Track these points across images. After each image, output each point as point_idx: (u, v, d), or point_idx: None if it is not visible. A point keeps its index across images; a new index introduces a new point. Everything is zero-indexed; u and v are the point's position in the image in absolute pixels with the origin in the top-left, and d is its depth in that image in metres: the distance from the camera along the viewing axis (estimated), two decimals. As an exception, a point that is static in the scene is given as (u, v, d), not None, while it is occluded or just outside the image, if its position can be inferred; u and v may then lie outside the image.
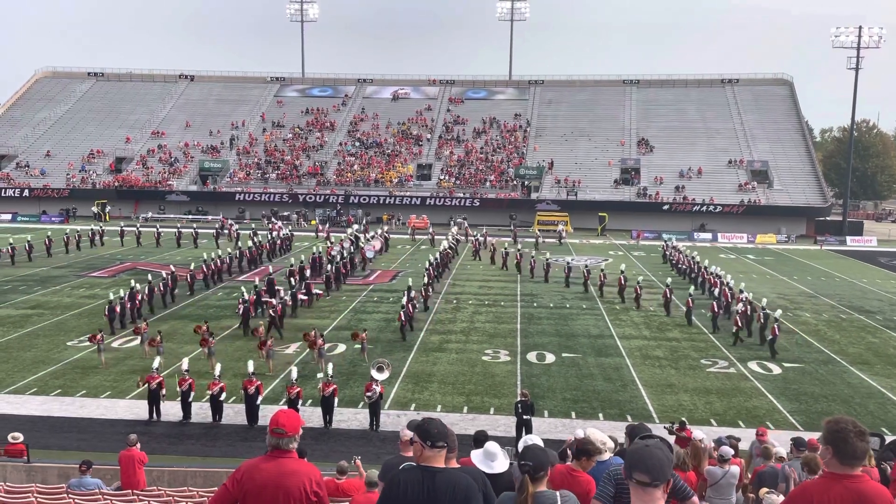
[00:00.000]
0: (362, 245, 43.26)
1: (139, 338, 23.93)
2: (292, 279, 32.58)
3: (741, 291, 30.51)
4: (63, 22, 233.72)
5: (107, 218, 63.83)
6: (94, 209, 65.53)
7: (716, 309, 28.12)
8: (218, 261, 36.50)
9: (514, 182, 69.50)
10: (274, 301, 27.74)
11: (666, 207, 65.03)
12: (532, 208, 65.90)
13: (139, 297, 28.25)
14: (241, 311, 26.73)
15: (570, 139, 76.24)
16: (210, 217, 63.27)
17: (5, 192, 68.94)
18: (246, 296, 27.37)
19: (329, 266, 35.64)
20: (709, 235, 61.59)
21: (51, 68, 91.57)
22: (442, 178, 70.66)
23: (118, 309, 26.58)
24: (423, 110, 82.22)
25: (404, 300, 27.50)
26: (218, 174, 71.36)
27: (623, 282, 33.09)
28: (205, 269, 34.83)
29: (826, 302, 34.96)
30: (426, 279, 32.94)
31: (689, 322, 28.97)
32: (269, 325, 25.70)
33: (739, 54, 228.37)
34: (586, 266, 32.03)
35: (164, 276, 31.70)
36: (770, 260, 49.74)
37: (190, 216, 64.58)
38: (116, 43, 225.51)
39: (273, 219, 60.85)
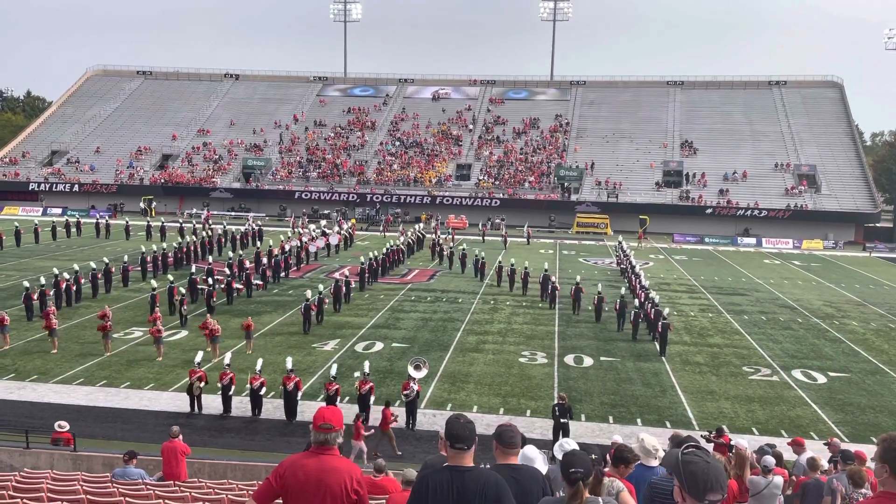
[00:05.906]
0: (306, 242, 43.60)
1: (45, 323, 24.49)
2: (230, 270, 34.28)
3: (647, 290, 30.58)
4: (114, 22, 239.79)
5: (153, 213, 65.22)
6: (141, 205, 67.11)
7: (617, 307, 28.92)
8: (159, 254, 37.40)
9: (553, 183, 69.06)
10: (204, 287, 29.89)
11: (709, 211, 63.91)
12: (572, 210, 65.40)
13: (63, 286, 29.33)
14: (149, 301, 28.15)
15: (612, 140, 75.46)
16: (252, 214, 64.16)
17: (56, 187, 70.94)
18: (154, 283, 29.42)
19: (265, 259, 37.18)
20: (753, 240, 60.42)
21: (101, 67, 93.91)
22: (481, 178, 70.59)
23: (35, 296, 27.33)
24: (463, 110, 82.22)
25: (308, 293, 27.64)
26: (261, 172, 72.41)
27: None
28: (149, 260, 35.95)
29: (874, 311, 34.01)
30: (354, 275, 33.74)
31: (611, 321, 29.19)
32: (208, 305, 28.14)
33: (788, 56, 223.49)
34: (599, 294, 30.65)
35: (94, 266, 32.61)
36: (817, 266, 48.56)
37: (233, 213, 65.64)
38: (165, 42, 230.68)
39: (250, 214, 61.40)
